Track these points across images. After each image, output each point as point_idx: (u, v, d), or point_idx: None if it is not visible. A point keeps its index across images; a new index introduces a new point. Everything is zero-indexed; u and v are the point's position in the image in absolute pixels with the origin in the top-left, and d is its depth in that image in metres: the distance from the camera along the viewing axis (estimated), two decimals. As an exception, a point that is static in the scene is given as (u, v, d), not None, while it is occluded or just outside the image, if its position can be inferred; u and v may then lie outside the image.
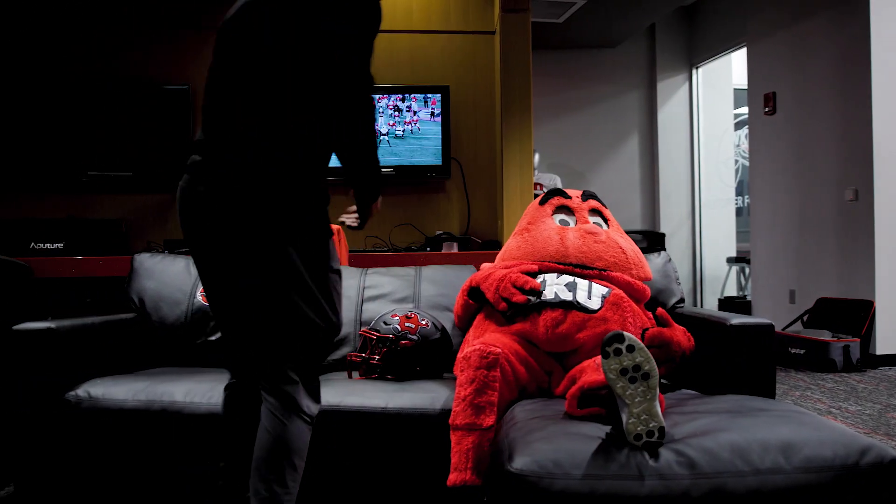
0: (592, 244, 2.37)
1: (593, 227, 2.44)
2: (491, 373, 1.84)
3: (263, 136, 1.66)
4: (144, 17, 4.44)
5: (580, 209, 2.53)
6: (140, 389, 2.19)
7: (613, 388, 1.48)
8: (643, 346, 1.50)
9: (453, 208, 4.62)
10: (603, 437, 1.50)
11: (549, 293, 2.17)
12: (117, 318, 2.63)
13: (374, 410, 2.14)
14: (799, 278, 5.75)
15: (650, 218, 7.88)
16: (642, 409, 1.46)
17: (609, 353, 1.49)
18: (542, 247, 2.40)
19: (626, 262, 2.37)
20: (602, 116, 7.84)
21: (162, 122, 4.31)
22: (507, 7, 4.22)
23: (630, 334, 1.50)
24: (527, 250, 2.44)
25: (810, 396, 4.01)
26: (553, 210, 2.54)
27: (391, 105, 4.41)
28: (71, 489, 2.20)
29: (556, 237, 2.41)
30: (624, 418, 1.47)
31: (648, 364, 1.48)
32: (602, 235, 2.41)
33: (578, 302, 2.14)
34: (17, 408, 2.20)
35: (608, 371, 1.49)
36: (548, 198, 2.58)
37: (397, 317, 2.46)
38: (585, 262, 2.33)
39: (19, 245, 3.85)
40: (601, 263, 2.34)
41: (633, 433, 1.45)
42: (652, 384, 1.48)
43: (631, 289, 2.31)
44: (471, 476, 1.76)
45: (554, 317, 2.11)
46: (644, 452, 1.43)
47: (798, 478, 1.40)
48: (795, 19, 5.74)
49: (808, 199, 5.63)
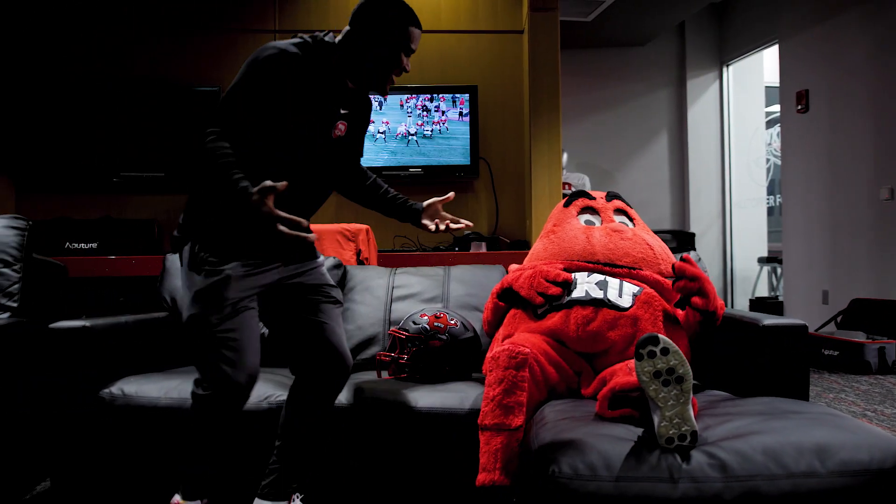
0: (619, 241, 2.36)
1: (619, 225, 2.43)
2: (520, 373, 1.84)
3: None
4: (176, 20, 4.50)
5: (605, 209, 2.52)
6: (172, 387, 2.22)
7: (646, 390, 1.47)
8: (678, 349, 1.49)
9: (481, 208, 4.62)
10: (634, 440, 1.49)
11: (580, 291, 2.16)
12: (150, 317, 2.67)
13: (403, 409, 2.15)
14: (832, 278, 5.66)
15: (680, 217, 7.80)
16: (675, 412, 1.45)
17: (643, 355, 1.48)
18: (569, 246, 2.39)
19: (654, 259, 2.36)
20: (631, 115, 7.78)
21: (194, 123, 4.36)
22: (535, 6, 4.21)
23: (665, 337, 1.49)
24: (553, 251, 2.43)
25: (844, 399, 3.94)
26: (578, 211, 2.54)
27: (419, 105, 4.42)
28: (105, 484, 2.23)
29: (583, 236, 2.39)
30: (656, 421, 1.46)
31: (683, 367, 1.47)
32: (628, 233, 2.40)
33: (609, 300, 2.12)
34: (52, 404, 2.24)
35: (641, 373, 1.48)
36: (572, 199, 2.58)
37: (426, 316, 2.45)
38: (613, 260, 2.32)
39: (55, 245, 3.92)
40: (628, 260, 2.32)
41: (665, 437, 1.44)
42: (685, 388, 1.46)
43: (661, 286, 2.29)
44: (499, 476, 1.76)
45: (585, 315, 2.10)
46: (676, 455, 1.42)
47: (833, 481, 1.38)
48: (828, 15, 5.65)
49: (842, 198, 5.54)
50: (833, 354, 4.88)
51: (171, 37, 4.50)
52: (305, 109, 1.87)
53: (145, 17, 4.48)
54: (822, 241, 5.78)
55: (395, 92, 4.42)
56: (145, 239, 4.07)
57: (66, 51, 4.42)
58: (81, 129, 4.30)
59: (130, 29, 4.47)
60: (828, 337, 4.98)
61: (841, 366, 4.81)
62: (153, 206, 4.46)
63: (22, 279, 2.61)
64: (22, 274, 2.62)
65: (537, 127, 4.20)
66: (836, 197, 5.60)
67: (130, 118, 4.34)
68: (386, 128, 4.44)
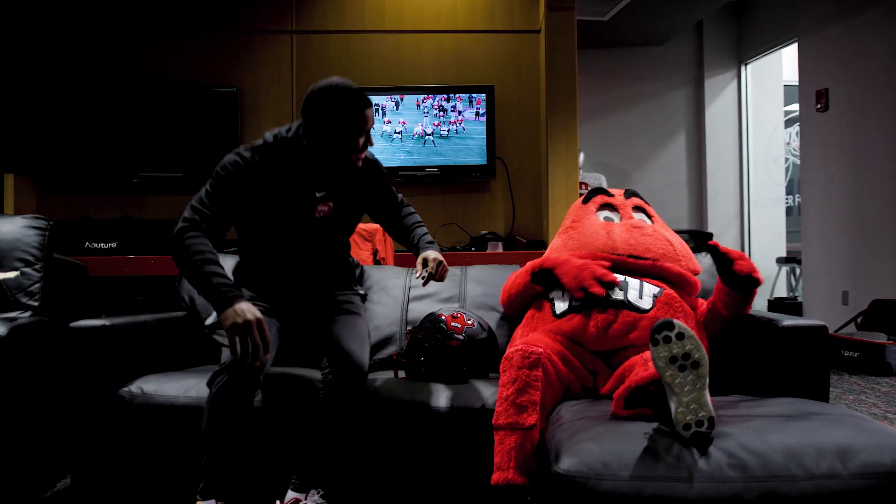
0: (640, 237, 2.34)
1: (639, 221, 2.42)
2: (533, 372, 1.83)
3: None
4: (194, 21, 4.53)
5: (624, 206, 2.51)
6: (191, 386, 2.23)
7: (662, 376, 1.46)
8: (693, 333, 1.48)
9: (498, 208, 4.61)
10: (650, 439, 1.48)
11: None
12: (168, 317, 2.68)
13: (419, 408, 2.15)
14: (852, 279, 5.60)
15: (697, 217, 7.76)
16: (691, 398, 1.43)
17: (658, 340, 1.47)
18: (590, 241, 2.37)
19: (674, 254, 2.34)
20: (648, 115, 7.74)
21: (211, 124, 4.39)
22: (552, 5, 4.20)
23: (680, 322, 1.48)
24: (573, 246, 2.40)
25: (865, 401, 3.90)
26: (597, 208, 2.52)
27: (436, 105, 4.42)
28: (124, 482, 2.25)
29: (603, 231, 2.38)
30: (672, 408, 1.44)
31: (698, 352, 1.46)
32: (648, 229, 2.38)
33: (629, 301, 2.11)
34: (73, 402, 2.26)
35: (657, 359, 1.47)
36: (590, 196, 2.57)
37: (443, 316, 2.45)
38: (634, 254, 2.31)
39: (75, 244, 3.96)
40: (650, 255, 2.31)
41: (681, 423, 1.43)
42: (702, 373, 1.45)
43: (683, 280, 2.28)
44: (514, 475, 1.76)
45: (605, 317, 2.08)
46: (693, 451, 1.41)
47: (855, 483, 1.36)
48: (849, 13, 5.59)
49: (863, 198, 5.48)
50: (853, 356, 4.83)
51: (189, 38, 4.53)
52: (275, 201, 2.12)
53: (164, 18, 4.52)
54: (841, 241, 5.72)
55: (412, 92, 4.43)
56: (164, 239, 4.09)
57: (85, 53, 4.46)
58: (101, 129, 4.34)
59: (149, 31, 4.51)
60: (848, 338, 4.93)
61: (861, 367, 4.76)
62: (171, 206, 4.49)
63: (43, 278, 2.64)
64: (43, 273, 2.65)
65: (554, 127, 4.19)
66: (857, 196, 5.54)
67: (149, 119, 4.37)
68: (402, 128, 4.44)
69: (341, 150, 2.09)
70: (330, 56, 4.59)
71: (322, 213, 2.21)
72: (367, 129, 2.10)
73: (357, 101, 2.04)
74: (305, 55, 4.59)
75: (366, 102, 2.07)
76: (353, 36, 4.61)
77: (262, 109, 4.54)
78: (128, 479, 2.25)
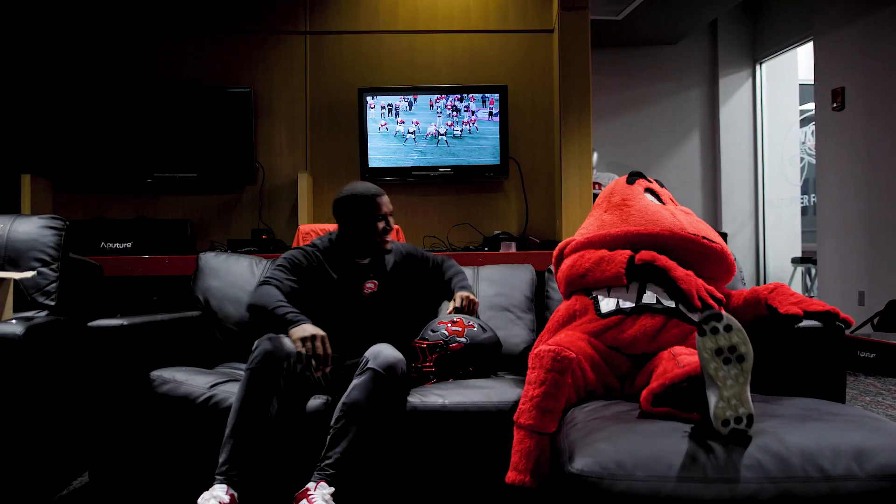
0: (696, 222, 2.32)
1: (685, 208, 2.40)
2: (562, 378, 1.79)
3: None
4: (208, 22, 4.55)
5: (663, 193, 2.46)
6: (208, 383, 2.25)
7: (706, 368, 1.44)
8: (741, 327, 1.46)
9: (511, 208, 4.60)
10: (666, 438, 1.47)
11: (650, 297, 2.10)
12: (183, 316, 2.70)
13: (432, 409, 2.16)
14: (869, 279, 5.56)
15: (712, 217, 7.72)
16: (733, 392, 1.42)
17: (706, 331, 1.45)
18: (657, 219, 2.24)
19: (721, 247, 2.32)
20: (662, 114, 7.71)
21: (225, 125, 4.41)
22: (565, 5, 4.19)
23: (729, 315, 1.46)
24: (637, 222, 2.25)
25: (881, 402, 3.87)
26: (643, 190, 2.44)
27: (449, 105, 4.42)
28: (142, 478, 2.27)
29: (666, 212, 2.28)
30: (712, 402, 1.42)
31: (745, 346, 1.44)
32: (695, 216, 2.38)
33: (682, 309, 2.07)
34: (89, 401, 2.28)
35: (703, 350, 1.45)
36: (635, 178, 2.46)
37: (444, 323, 2.49)
38: (702, 234, 2.25)
39: (90, 244, 3.98)
40: (715, 238, 2.29)
41: (721, 418, 1.41)
42: (746, 367, 1.43)
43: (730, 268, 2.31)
44: (529, 478, 1.75)
45: (653, 323, 2.03)
46: (708, 451, 1.40)
47: (871, 485, 1.35)
48: (865, 11, 5.55)
49: (879, 198, 5.44)
50: (869, 357, 4.79)
51: (203, 39, 4.55)
52: (329, 283, 2.50)
53: (179, 20, 4.54)
54: (858, 241, 5.68)
55: (425, 92, 4.43)
56: (178, 239, 4.12)
57: (101, 54, 4.49)
58: (116, 130, 4.36)
59: (165, 32, 4.53)
60: (864, 339, 4.89)
61: (878, 368, 4.72)
62: (186, 206, 4.51)
63: (59, 278, 2.66)
64: (59, 273, 2.67)
65: (567, 126, 4.18)
66: (873, 196, 5.49)
67: (163, 119, 4.39)
68: (416, 128, 4.44)
69: (369, 235, 2.49)
70: (343, 56, 4.60)
71: (370, 290, 2.56)
72: (383, 214, 2.49)
73: (371, 193, 2.48)
74: (319, 55, 4.60)
75: (378, 193, 2.49)
76: (366, 36, 4.61)
77: (275, 110, 4.56)
78: (145, 475, 2.27)
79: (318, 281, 2.49)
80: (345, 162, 4.57)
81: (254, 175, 4.45)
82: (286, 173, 4.54)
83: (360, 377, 2.12)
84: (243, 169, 4.41)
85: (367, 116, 4.42)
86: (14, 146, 4.43)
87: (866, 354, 4.81)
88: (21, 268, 2.61)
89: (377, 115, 4.42)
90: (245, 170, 4.41)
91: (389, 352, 2.18)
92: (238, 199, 4.54)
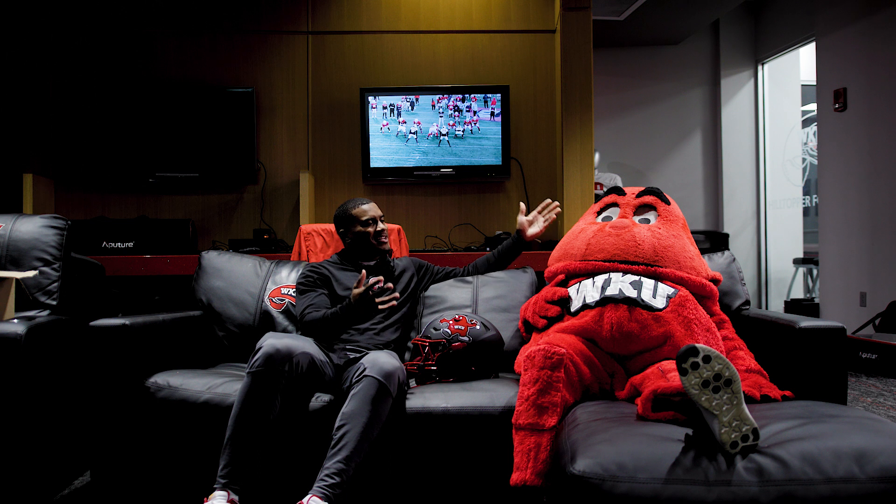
0: (603, 237, 2.35)
1: (619, 222, 2.40)
2: (555, 374, 1.83)
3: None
4: (209, 22, 4.55)
5: (626, 205, 2.49)
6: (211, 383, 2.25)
7: (698, 402, 1.45)
8: (719, 353, 1.46)
9: (513, 208, 4.60)
10: (667, 440, 1.47)
11: (614, 289, 2.15)
12: (185, 316, 2.70)
13: (435, 412, 2.15)
14: (870, 280, 5.55)
15: (713, 218, 7.71)
16: (732, 415, 1.43)
17: (686, 369, 1.46)
18: (568, 250, 2.50)
19: (652, 255, 2.31)
20: (664, 115, 7.70)
21: (227, 124, 4.41)
22: (567, 5, 4.19)
23: (703, 345, 1.47)
24: (556, 257, 2.56)
25: (883, 403, 3.87)
26: (601, 207, 2.58)
27: (451, 105, 4.42)
28: (143, 478, 2.27)
29: (581, 237, 2.47)
30: (716, 430, 1.43)
31: (728, 370, 1.45)
32: (629, 231, 2.35)
33: (643, 300, 2.10)
34: (91, 400, 2.28)
35: (690, 387, 1.45)
36: (603, 195, 2.62)
37: (446, 321, 2.48)
38: (590, 256, 2.38)
39: (92, 244, 3.99)
40: (602, 255, 2.35)
41: (728, 442, 1.42)
42: (735, 388, 1.44)
43: (695, 286, 2.27)
44: (531, 476, 1.75)
45: (618, 314, 2.09)
46: (714, 460, 1.40)
47: (873, 487, 1.35)
48: (867, 11, 5.54)
49: (881, 198, 5.43)
50: (871, 358, 4.79)
51: (205, 39, 4.55)
52: (340, 285, 2.71)
53: (180, 19, 4.54)
54: (859, 242, 5.67)
55: (427, 92, 4.43)
56: (180, 238, 4.12)
57: (102, 54, 4.50)
58: (118, 130, 4.37)
59: (166, 32, 4.53)
60: (866, 340, 4.88)
61: (879, 369, 4.72)
62: (188, 206, 4.52)
63: (61, 278, 2.66)
64: (61, 272, 2.67)
65: (569, 127, 4.18)
66: (875, 197, 5.49)
67: (165, 119, 4.40)
68: (417, 128, 4.45)
69: (364, 240, 2.77)
70: (345, 56, 4.60)
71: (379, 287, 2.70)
72: (371, 218, 2.77)
73: (354, 205, 2.80)
74: (321, 55, 4.60)
75: (360, 202, 2.81)
76: (368, 36, 4.62)
77: (277, 110, 4.56)
78: (146, 475, 2.27)
79: (331, 286, 2.72)
80: (346, 162, 4.57)
81: (255, 175, 4.45)
82: (288, 173, 4.54)
83: (358, 385, 2.10)
84: (245, 169, 4.42)
85: (369, 116, 4.42)
86: (16, 146, 4.44)
87: (868, 355, 4.81)
88: (23, 267, 2.61)
89: (379, 115, 4.43)
90: (246, 170, 4.42)
91: (386, 359, 2.15)
92: (239, 198, 4.54)
